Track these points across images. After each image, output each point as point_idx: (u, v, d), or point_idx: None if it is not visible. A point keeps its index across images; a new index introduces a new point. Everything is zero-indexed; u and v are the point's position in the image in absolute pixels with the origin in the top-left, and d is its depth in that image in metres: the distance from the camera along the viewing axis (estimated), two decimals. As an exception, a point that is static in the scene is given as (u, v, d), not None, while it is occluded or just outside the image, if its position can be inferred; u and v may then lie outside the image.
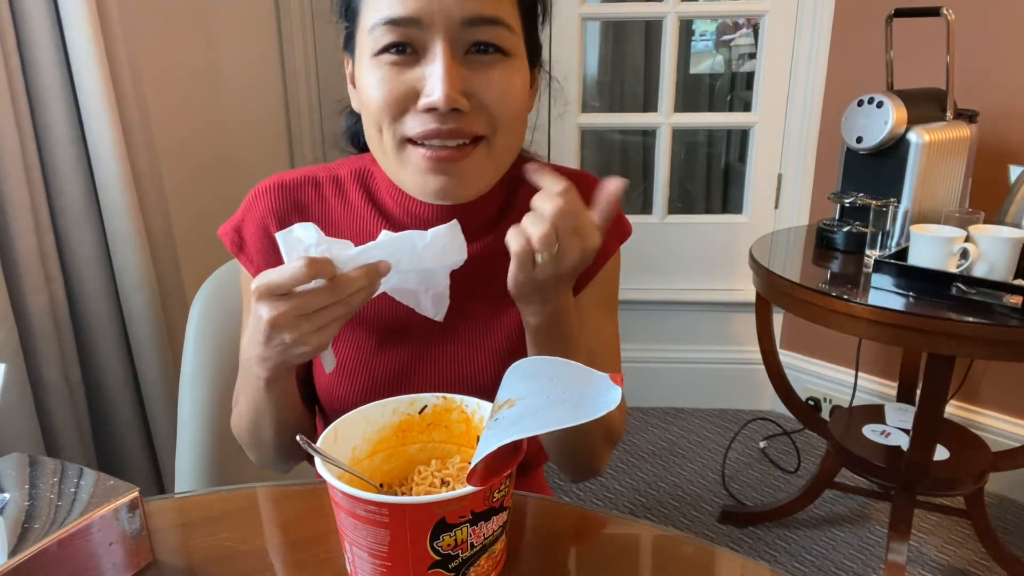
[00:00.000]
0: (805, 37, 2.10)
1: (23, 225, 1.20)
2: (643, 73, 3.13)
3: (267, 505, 0.68)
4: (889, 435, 1.72)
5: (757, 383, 2.34)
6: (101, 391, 1.40)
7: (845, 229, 1.63)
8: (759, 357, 1.81)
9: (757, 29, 2.18)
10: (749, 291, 2.24)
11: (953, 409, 2.03)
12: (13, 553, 0.49)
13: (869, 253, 1.48)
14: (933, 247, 1.33)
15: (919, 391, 1.57)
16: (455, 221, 0.61)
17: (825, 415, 2.26)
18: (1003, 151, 1.81)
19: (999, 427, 1.96)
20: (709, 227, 2.35)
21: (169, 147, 1.64)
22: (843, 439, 1.70)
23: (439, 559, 0.50)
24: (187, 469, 0.95)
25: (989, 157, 1.79)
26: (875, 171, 1.59)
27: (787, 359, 2.29)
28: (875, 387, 2.19)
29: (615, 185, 0.63)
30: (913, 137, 1.51)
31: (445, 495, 0.48)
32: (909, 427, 1.73)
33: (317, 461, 0.52)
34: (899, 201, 1.54)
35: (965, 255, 1.31)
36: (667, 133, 2.26)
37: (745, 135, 2.30)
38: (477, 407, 0.61)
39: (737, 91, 3.23)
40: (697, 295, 2.36)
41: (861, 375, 2.17)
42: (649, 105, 2.95)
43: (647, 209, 2.36)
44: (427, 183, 0.66)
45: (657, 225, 2.33)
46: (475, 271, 0.75)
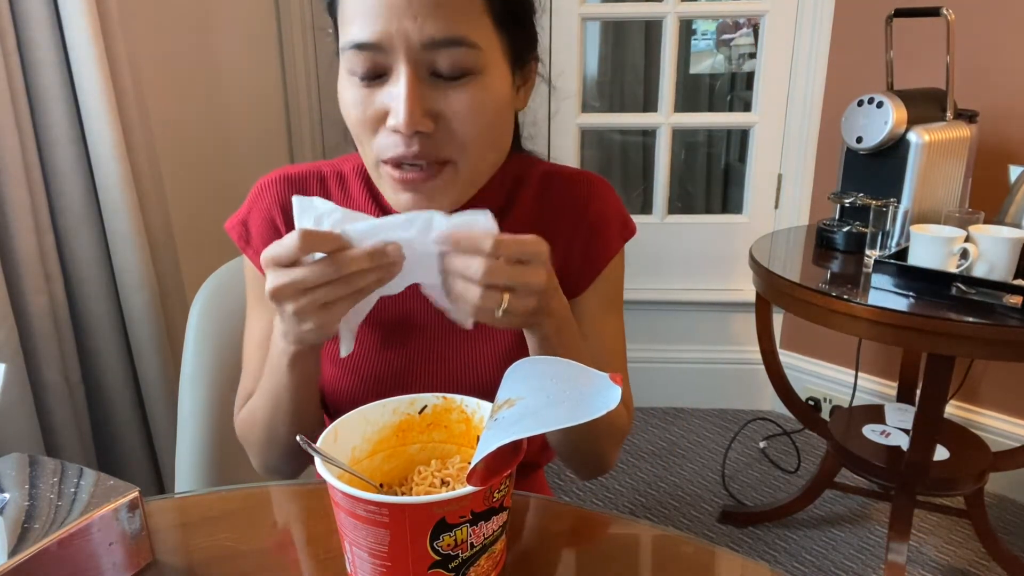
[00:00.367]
0: (805, 37, 2.10)
1: (23, 225, 1.20)
2: (643, 73, 3.13)
3: (267, 505, 0.68)
4: (889, 435, 1.72)
5: (757, 383, 2.34)
6: (101, 391, 1.40)
7: (845, 229, 1.63)
8: (759, 357, 1.82)
9: (757, 29, 2.18)
10: (749, 291, 2.23)
11: (953, 409, 2.03)
12: (13, 553, 0.49)
13: (869, 253, 1.48)
14: (933, 247, 1.33)
15: (919, 391, 1.58)
16: (488, 211, 0.59)
17: (825, 415, 2.26)
18: (1003, 151, 1.81)
19: (999, 427, 1.96)
20: (709, 227, 2.35)
21: (169, 147, 1.64)
22: (843, 439, 1.70)
23: (439, 559, 0.50)
24: (187, 469, 0.95)
25: (989, 157, 1.79)
26: (875, 171, 1.59)
27: (787, 359, 2.29)
28: (875, 387, 2.19)
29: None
30: (913, 137, 1.51)
31: (445, 495, 0.48)
32: (909, 427, 1.73)
33: (317, 461, 0.52)
34: (899, 201, 1.54)
35: (965, 255, 1.31)
36: (667, 133, 2.26)
37: (745, 135, 2.30)
38: (477, 407, 0.61)
39: (737, 91, 3.23)
40: (697, 295, 2.36)
41: (861, 375, 2.17)
42: (649, 105, 2.95)
43: (647, 209, 2.36)
44: (398, 200, 0.68)
45: (657, 225, 2.33)
46: None
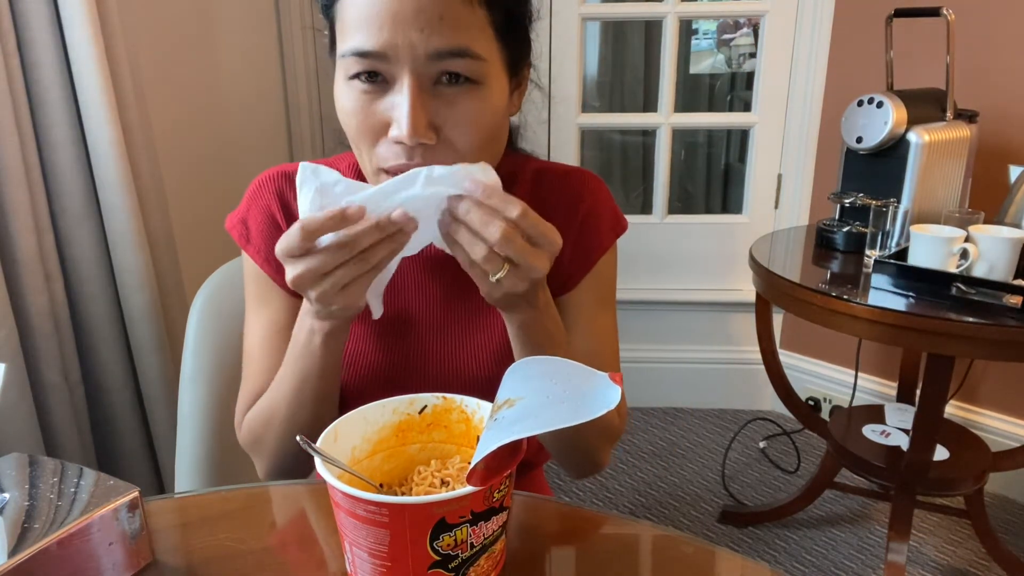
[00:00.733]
0: (805, 37, 2.10)
1: (23, 225, 1.20)
2: (643, 73, 3.13)
3: (267, 505, 0.68)
4: (889, 435, 1.72)
5: (757, 383, 2.34)
6: (101, 391, 1.40)
7: (845, 229, 1.63)
8: (759, 357, 1.81)
9: (757, 29, 2.18)
10: (749, 291, 2.23)
11: (953, 409, 2.03)
12: (13, 553, 0.49)
13: (869, 253, 1.48)
14: (933, 247, 1.33)
15: (919, 391, 1.58)
16: (487, 164, 0.62)
17: (825, 415, 2.26)
18: (1003, 151, 1.81)
19: (999, 427, 1.96)
20: (709, 227, 2.35)
21: (169, 147, 1.64)
22: (843, 439, 1.70)
23: (439, 559, 0.50)
24: (187, 469, 0.95)
25: (989, 157, 1.79)
26: (875, 171, 1.59)
27: (787, 359, 2.29)
28: (875, 387, 2.19)
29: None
30: (913, 137, 1.51)
31: (445, 495, 0.48)
32: (909, 427, 1.73)
33: (317, 461, 0.52)
34: (899, 201, 1.54)
35: (965, 255, 1.31)
36: (667, 133, 2.26)
37: (745, 135, 2.30)
38: (477, 407, 0.61)
39: (737, 91, 3.23)
40: (697, 295, 2.36)
41: (861, 375, 2.16)
42: (649, 105, 2.95)
43: (647, 209, 2.36)
44: None
45: (657, 225, 2.33)
46: None
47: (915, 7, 1.59)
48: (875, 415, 1.82)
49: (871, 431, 1.74)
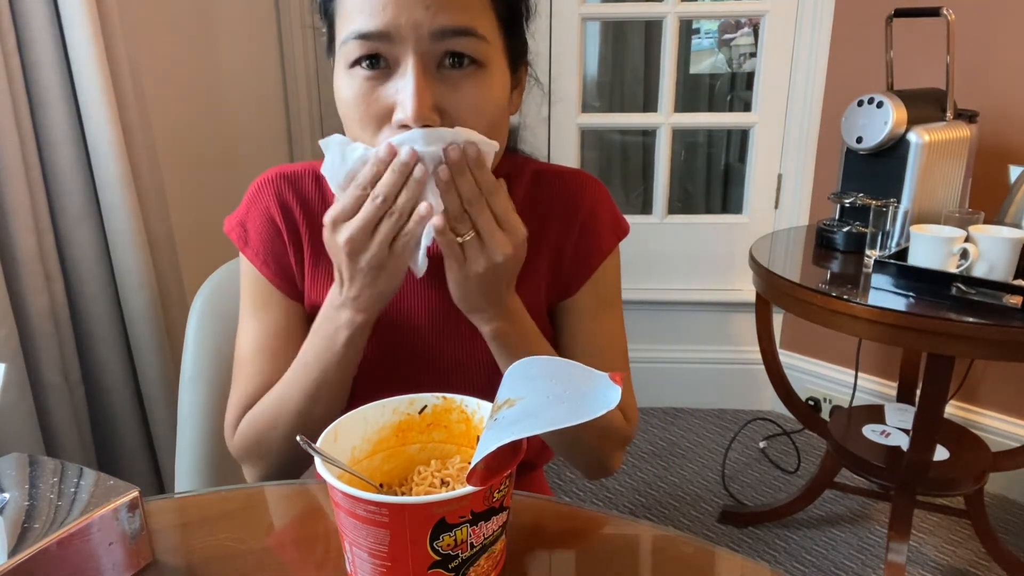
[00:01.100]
0: (805, 37, 2.10)
1: (23, 225, 1.20)
2: (643, 73, 3.13)
3: (267, 505, 0.68)
4: (889, 435, 1.72)
5: (757, 383, 2.34)
6: (101, 391, 1.40)
7: (845, 229, 1.63)
8: (759, 357, 1.82)
9: (757, 29, 2.18)
10: (749, 291, 2.23)
11: (953, 409, 2.03)
12: (13, 553, 0.49)
13: (869, 253, 1.48)
14: (933, 247, 1.33)
15: (919, 391, 1.57)
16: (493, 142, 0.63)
17: (825, 415, 2.26)
18: (1003, 151, 1.81)
19: (999, 427, 1.96)
20: (709, 227, 2.35)
21: (169, 147, 1.64)
22: (843, 439, 1.70)
23: (439, 559, 0.50)
24: (187, 469, 0.95)
25: (989, 157, 1.79)
26: (875, 171, 1.59)
27: (787, 359, 2.29)
28: (875, 387, 2.19)
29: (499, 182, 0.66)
30: (913, 137, 1.51)
31: (445, 495, 0.48)
32: (909, 427, 1.73)
33: (317, 461, 0.52)
34: (899, 201, 1.54)
35: (965, 255, 1.31)
36: (667, 133, 2.26)
37: (745, 135, 2.30)
38: (477, 407, 0.60)
39: (737, 91, 3.23)
40: (697, 295, 2.36)
41: (861, 375, 2.16)
42: (649, 105, 2.95)
43: (647, 209, 2.36)
44: None
45: (657, 225, 2.33)
46: None
47: (915, 7, 1.59)
48: (875, 415, 1.82)
49: (871, 431, 1.74)
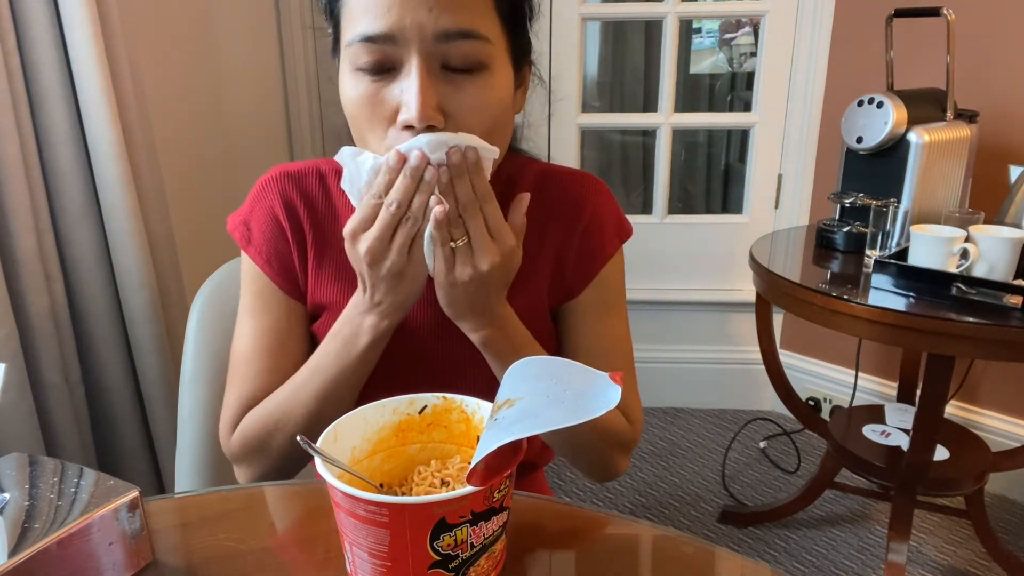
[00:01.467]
0: (805, 37, 2.10)
1: (23, 225, 1.20)
2: (643, 73, 3.13)
3: (267, 505, 0.68)
4: (889, 435, 1.72)
5: (757, 383, 2.34)
6: (101, 391, 1.40)
7: (845, 229, 1.63)
8: (759, 357, 1.81)
9: (757, 29, 2.18)
10: (749, 291, 2.23)
11: (953, 409, 2.03)
12: (13, 553, 0.49)
13: (869, 253, 1.48)
14: (933, 247, 1.33)
15: (919, 391, 1.57)
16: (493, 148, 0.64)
17: (825, 415, 2.26)
18: (1003, 151, 1.81)
19: (999, 427, 1.96)
20: (709, 227, 2.35)
21: (169, 147, 1.64)
22: (843, 439, 1.70)
23: (439, 559, 0.50)
24: (187, 469, 0.95)
25: (989, 157, 1.79)
26: (875, 171, 1.59)
27: (787, 359, 2.29)
28: (875, 387, 2.19)
29: (523, 196, 0.68)
30: (913, 137, 1.51)
31: (445, 495, 0.48)
32: (909, 427, 1.73)
33: (317, 461, 0.52)
34: (899, 201, 1.54)
35: (965, 255, 1.31)
36: (667, 133, 2.26)
37: (745, 135, 2.30)
38: (477, 407, 0.60)
39: (737, 91, 3.23)
40: (697, 295, 2.36)
41: (861, 375, 2.16)
42: (649, 105, 2.95)
43: (647, 209, 2.36)
44: None
45: (657, 225, 2.33)
46: None
47: (915, 7, 1.59)
48: (875, 415, 1.82)
49: (871, 431, 1.74)
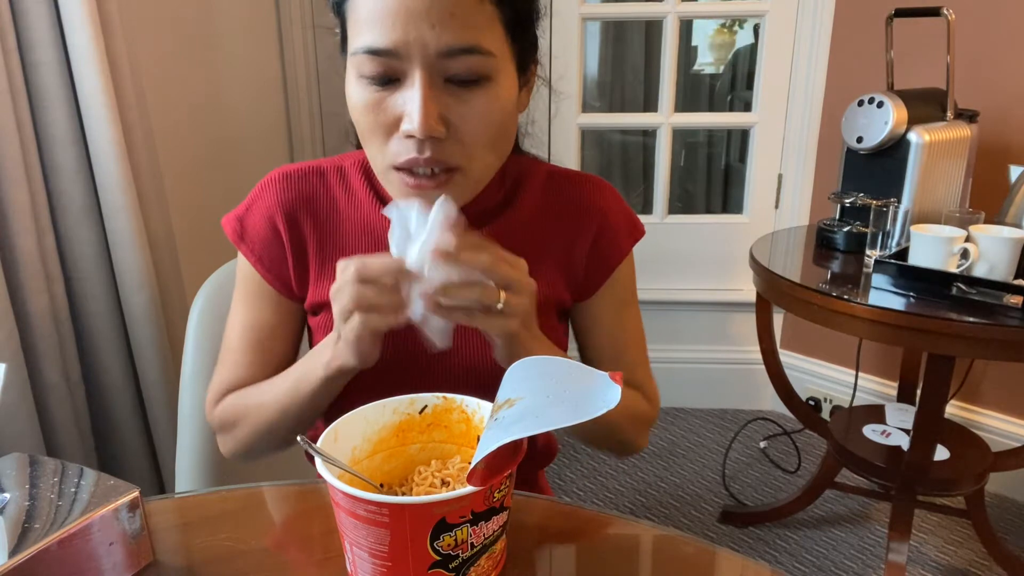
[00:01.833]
0: (805, 37, 2.09)
1: (23, 225, 1.20)
2: (643, 73, 3.13)
3: (267, 505, 0.68)
4: (889, 435, 1.72)
5: (757, 383, 2.34)
6: (101, 391, 1.40)
7: (845, 229, 1.63)
8: (759, 357, 1.81)
9: (758, 29, 2.18)
10: (749, 291, 2.23)
11: (953, 409, 2.03)
12: (13, 553, 0.49)
13: (869, 253, 1.48)
14: (933, 247, 1.33)
15: (919, 391, 1.57)
16: (445, 198, 0.61)
17: (825, 415, 2.26)
18: (1003, 151, 1.81)
19: (999, 427, 1.96)
20: (709, 227, 2.35)
21: (169, 147, 1.64)
22: (843, 439, 1.70)
23: (439, 559, 0.50)
24: (187, 469, 0.95)
25: (989, 157, 1.79)
26: (875, 171, 1.59)
27: (787, 359, 2.29)
28: (875, 387, 2.19)
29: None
30: (913, 137, 1.51)
31: (445, 495, 0.48)
32: (909, 427, 1.73)
33: (317, 461, 0.52)
34: (899, 201, 1.54)
35: (965, 255, 1.31)
36: (667, 133, 2.26)
37: (745, 135, 2.30)
38: (477, 407, 0.61)
39: (737, 91, 3.22)
40: (697, 295, 2.36)
41: (861, 375, 2.16)
42: (649, 105, 2.95)
43: (647, 209, 2.36)
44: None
45: (657, 225, 2.33)
46: None
47: (915, 7, 1.59)
48: (875, 415, 1.82)
49: (871, 431, 1.74)
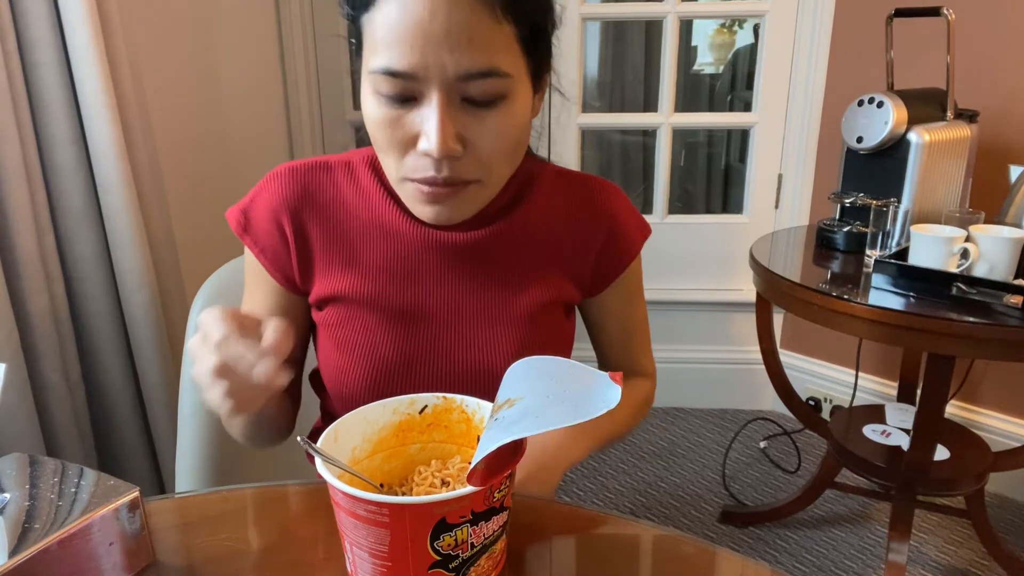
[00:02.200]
0: (805, 37, 2.09)
1: (23, 225, 1.20)
2: (643, 73, 3.13)
3: (267, 505, 0.68)
4: (889, 435, 1.72)
5: (757, 383, 2.34)
6: (101, 391, 1.40)
7: (845, 229, 1.63)
8: (759, 357, 1.81)
9: (758, 29, 2.18)
10: (749, 291, 2.24)
11: (953, 409, 2.03)
12: (13, 553, 0.49)
13: (869, 253, 1.48)
14: (933, 247, 1.33)
15: (919, 391, 1.57)
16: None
17: (825, 415, 2.26)
18: (1003, 151, 1.81)
19: (999, 427, 1.96)
20: (709, 227, 2.35)
21: (169, 147, 1.64)
22: (843, 439, 1.70)
23: (439, 559, 0.50)
24: (187, 469, 0.95)
25: (989, 157, 1.79)
26: (875, 171, 1.59)
27: (787, 359, 2.29)
28: (875, 387, 2.19)
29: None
30: (913, 137, 1.51)
31: (445, 495, 0.48)
32: (909, 427, 1.73)
33: (317, 461, 0.52)
34: (899, 201, 1.54)
35: (965, 255, 1.31)
36: (667, 133, 2.26)
37: (745, 135, 2.30)
38: (477, 407, 0.61)
39: (737, 91, 3.22)
40: (697, 295, 2.36)
41: (861, 375, 2.16)
42: (649, 105, 2.95)
43: (647, 209, 2.36)
44: (423, 212, 0.71)
45: (657, 225, 2.33)
46: (485, 257, 0.78)
47: (915, 7, 1.59)
48: (876, 415, 1.82)
49: (872, 431, 1.74)
